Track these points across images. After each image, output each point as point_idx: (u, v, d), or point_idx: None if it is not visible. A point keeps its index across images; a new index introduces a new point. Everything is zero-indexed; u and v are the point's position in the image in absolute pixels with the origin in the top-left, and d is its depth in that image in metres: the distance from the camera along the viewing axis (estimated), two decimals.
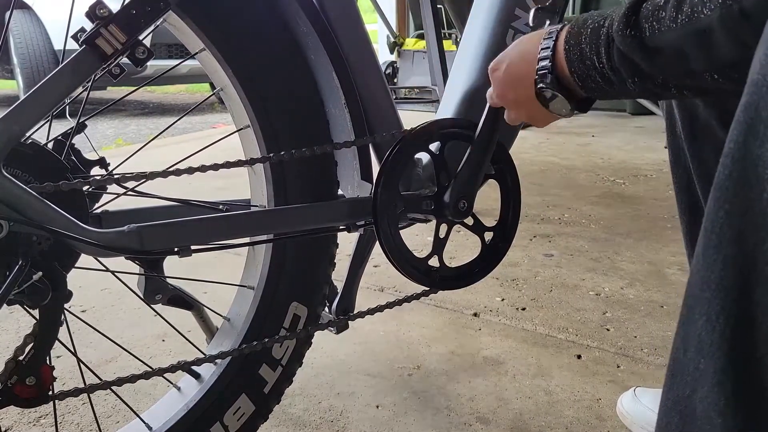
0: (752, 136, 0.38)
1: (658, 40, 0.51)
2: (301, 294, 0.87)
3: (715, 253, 0.41)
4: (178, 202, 0.81)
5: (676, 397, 0.45)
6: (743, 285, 0.40)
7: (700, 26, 0.47)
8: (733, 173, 0.40)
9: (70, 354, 0.78)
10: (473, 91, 0.92)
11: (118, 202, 0.79)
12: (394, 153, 0.79)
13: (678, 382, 0.45)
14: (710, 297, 0.41)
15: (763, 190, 0.38)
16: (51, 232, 0.64)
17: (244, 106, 0.79)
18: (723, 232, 0.41)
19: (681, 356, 0.45)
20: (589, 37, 0.58)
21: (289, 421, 1.04)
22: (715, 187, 0.41)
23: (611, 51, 0.55)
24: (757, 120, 0.38)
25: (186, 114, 1.09)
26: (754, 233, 0.39)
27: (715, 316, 0.41)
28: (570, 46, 0.60)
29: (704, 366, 0.42)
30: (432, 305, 1.46)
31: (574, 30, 0.59)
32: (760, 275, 0.39)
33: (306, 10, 0.79)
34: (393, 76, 5.31)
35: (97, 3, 0.63)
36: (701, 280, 0.42)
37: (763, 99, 0.37)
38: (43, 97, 0.64)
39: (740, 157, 0.39)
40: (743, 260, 0.40)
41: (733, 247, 0.40)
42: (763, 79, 0.38)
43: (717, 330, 0.41)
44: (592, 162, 2.92)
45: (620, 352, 1.24)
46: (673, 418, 0.46)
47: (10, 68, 4.52)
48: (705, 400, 0.42)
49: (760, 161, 0.38)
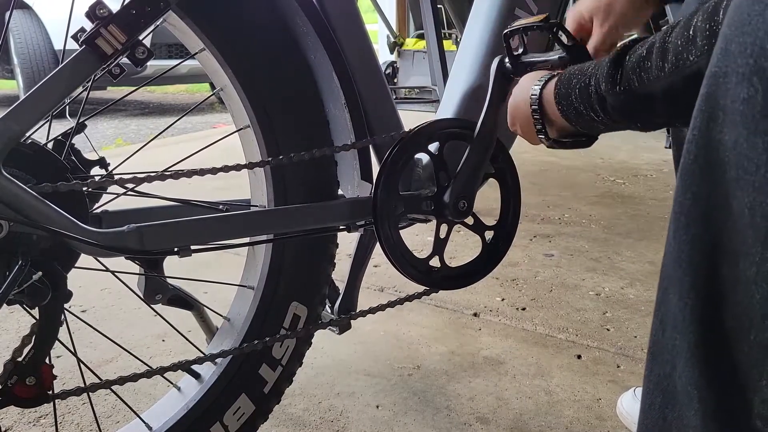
0: (713, 122, 0.41)
1: (649, 89, 0.53)
2: (301, 294, 0.87)
3: (685, 234, 0.44)
4: (178, 202, 0.81)
5: (657, 377, 0.47)
6: (711, 262, 0.42)
7: (689, 72, 0.49)
8: (698, 158, 0.42)
9: (70, 354, 0.78)
10: (473, 91, 0.92)
11: (118, 202, 0.79)
12: (394, 153, 0.79)
13: (658, 362, 0.47)
14: (681, 275, 0.44)
15: (724, 172, 0.40)
16: (51, 232, 0.64)
17: (244, 106, 0.79)
18: (690, 213, 0.43)
19: (660, 336, 0.47)
20: (579, 98, 0.60)
21: (289, 421, 1.04)
22: (681, 171, 0.44)
23: (606, 107, 0.58)
24: (716, 108, 0.41)
25: (186, 114, 1.09)
26: (719, 212, 0.41)
27: (686, 293, 0.44)
28: (563, 107, 0.62)
29: (680, 342, 0.44)
30: (432, 305, 1.46)
31: (562, 91, 0.62)
32: (725, 251, 0.41)
33: (306, 10, 0.79)
34: (393, 76, 5.31)
35: (97, 3, 0.63)
36: (673, 260, 0.45)
37: (720, 89, 0.40)
38: (43, 97, 0.64)
39: (704, 144, 0.42)
40: (710, 238, 0.42)
41: (700, 227, 0.43)
42: (719, 71, 0.40)
43: (689, 306, 0.44)
44: (592, 162, 2.92)
45: (620, 352, 1.24)
46: (656, 398, 0.48)
47: (10, 68, 4.51)
48: (682, 376, 0.44)
49: (721, 145, 0.40)
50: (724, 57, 0.40)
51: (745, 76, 0.38)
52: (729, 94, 0.39)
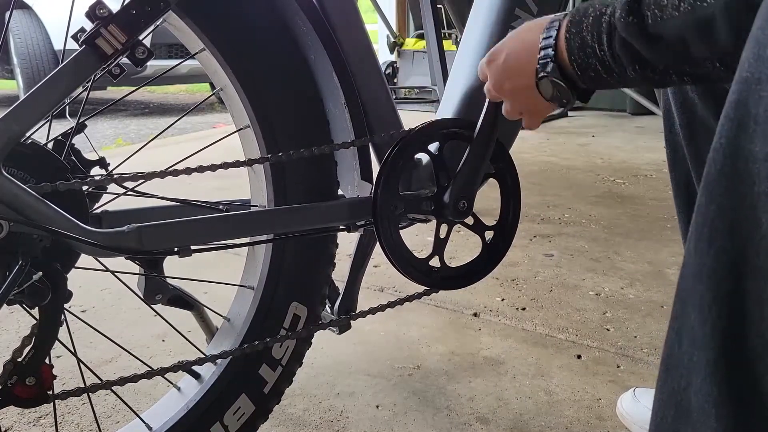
0: (743, 132, 0.39)
1: (660, 28, 0.51)
2: (301, 294, 0.87)
3: (708, 246, 0.42)
4: (178, 202, 0.81)
5: (671, 390, 0.46)
6: (735, 277, 0.41)
7: (703, 15, 0.47)
8: (725, 168, 0.41)
9: (70, 354, 0.78)
10: (473, 91, 0.92)
11: (118, 202, 0.79)
12: (394, 153, 0.79)
13: (673, 376, 0.46)
14: (703, 289, 0.42)
15: (753, 184, 0.38)
16: (51, 232, 0.64)
17: (244, 106, 0.79)
18: (715, 226, 0.41)
19: (675, 350, 0.45)
20: (591, 26, 0.57)
21: (289, 421, 1.04)
22: (706, 181, 0.42)
23: (613, 38, 0.55)
24: (747, 116, 0.39)
25: (186, 114, 1.09)
26: (746, 226, 0.39)
27: (707, 308, 0.42)
28: (571, 35, 0.59)
29: (697, 358, 0.43)
30: (432, 305, 1.46)
31: (576, 19, 0.59)
32: (751, 267, 0.40)
33: (306, 10, 0.79)
34: (393, 76, 5.31)
35: (97, 3, 0.63)
36: (694, 273, 0.43)
37: (752, 96, 0.38)
38: (43, 97, 0.64)
39: (731, 153, 0.40)
40: (735, 252, 0.40)
41: (725, 240, 0.41)
42: (752, 77, 0.39)
43: (709, 322, 0.42)
44: (592, 162, 2.92)
45: (620, 352, 1.24)
46: (669, 412, 0.46)
47: (10, 68, 4.52)
48: (699, 393, 0.43)
49: (751, 156, 0.38)
50: (758, 62, 0.38)
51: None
52: (762, 102, 0.38)
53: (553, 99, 0.64)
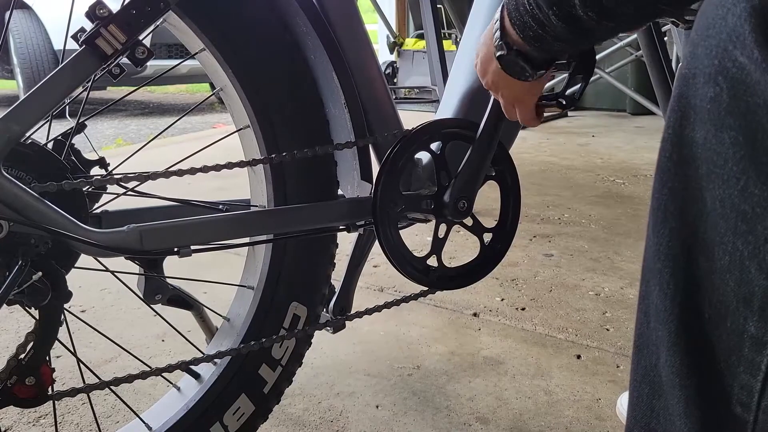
0: (685, 121, 0.43)
1: None
2: (301, 294, 0.87)
3: (663, 227, 0.46)
4: (178, 202, 0.81)
5: (644, 369, 0.49)
6: (687, 252, 0.45)
7: None
8: (673, 155, 0.45)
9: (70, 354, 0.78)
10: (473, 91, 0.92)
11: (118, 202, 0.79)
12: (394, 153, 0.79)
13: (644, 354, 0.49)
14: (661, 267, 0.46)
15: (697, 167, 0.43)
16: (51, 232, 0.64)
17: (244, 106, 0.79)
18: (667, 208, 0.45)
19: (645, 329, 0.49)
20: None
21: (288, 421, 1.04)
22: (659, 169, 0.46)
23: None
24: (688, 107, 0.43)
25: (186, 114, 1.09)
26: (694, 205, 0.44)
27: (666, 284, 0.46)
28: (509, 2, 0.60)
29: (662, 332, 0.46)
30: (432, 305, 1.46)
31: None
32: (700, 242, 0.43)
33: (306, 10, 0.79)
34: (393, 76, 5.31)
35: (97, 3, 0.63)
36: (653, 254, 0.47)
37: (690, 89, 0.42)
38: (43, 97, 0.64)
39: (677, 141, 0.44)
40: (686, 230, 0.44)
41: (677, 220, 0.45)
42: (689, 72, 0.43)
43: (668, 296, 0.46)
44: (591, 162, 2.92)
45: (620, 352, 1.24)
46: (644, 390, 0.49)
47: (10, 68, 4.52)
48: (665, 365, 0.46)
49: (693, 142, 0.43)
50: (692, 59, 0.42)
51: (710, 76, 0.41)
52: (698, 93, 0.42)
53: (519, 74, 0.64)
